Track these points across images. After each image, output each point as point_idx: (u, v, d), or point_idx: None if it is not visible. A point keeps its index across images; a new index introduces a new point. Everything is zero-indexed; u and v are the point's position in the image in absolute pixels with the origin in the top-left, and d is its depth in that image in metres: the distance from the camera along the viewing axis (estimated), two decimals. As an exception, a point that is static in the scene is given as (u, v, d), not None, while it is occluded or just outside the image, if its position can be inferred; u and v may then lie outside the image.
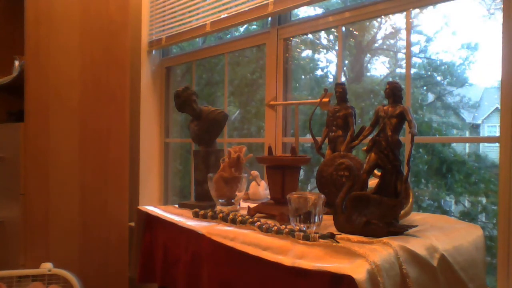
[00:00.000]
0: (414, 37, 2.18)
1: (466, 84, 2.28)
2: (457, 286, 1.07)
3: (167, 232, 1.47)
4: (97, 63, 2.23)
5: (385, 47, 2.55)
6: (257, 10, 1.98)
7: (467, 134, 2.35)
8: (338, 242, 1.02)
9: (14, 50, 2.31)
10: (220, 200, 1.50)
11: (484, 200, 2.14)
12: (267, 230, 1.15)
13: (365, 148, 1.15)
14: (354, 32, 2.52)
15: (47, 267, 1.88)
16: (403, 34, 1.73)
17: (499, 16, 1.38)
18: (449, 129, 2.36)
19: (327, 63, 2.82)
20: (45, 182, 2.08)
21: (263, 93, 2.20)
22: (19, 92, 2.07)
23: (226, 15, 2.17)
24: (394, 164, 1.10)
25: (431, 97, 2.45)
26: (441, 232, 1.13)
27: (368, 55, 2.62)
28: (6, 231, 2.22)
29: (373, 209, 1.08)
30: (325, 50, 2.79)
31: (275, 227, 1.13)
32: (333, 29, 2.09)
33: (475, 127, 2.31)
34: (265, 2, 1.94)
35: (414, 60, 2.32)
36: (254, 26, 2.58)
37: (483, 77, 2.11)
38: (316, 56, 2.80)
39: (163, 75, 2.76)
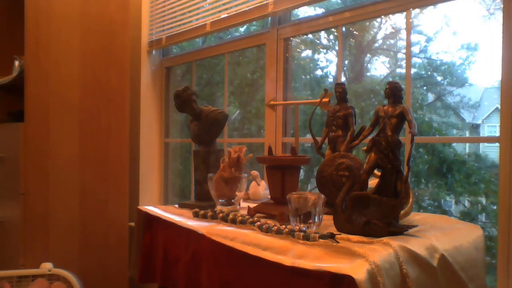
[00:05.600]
0: (414, 37, 2.18)
1: (466, 84, 2.28)
2: (457, 286, 1.07)
3: (167, 232, 1.47)
4: (97, 63, 2.23)
5: (385, 47, 2.55)
6: (257, 10, 1.98)
7: (467, 134, 2.35)
8: (338, 242, 1.02)
9: (14, 50, 2.31)
10: (220, 200, 1.50)
11: (484, 200, 2.14)
12: (267, 230, 1.15)
13: (365, 148, 1.15)
14: (354, 32, 2.52)
15: (47, 267, 1.88)
16: (403, 34, 1.73)
17: (499, 16, 1.38)
18: (449, 129, 2.36)
19: (327, 63, 2.82)
20: (45, 182, 2.08)
21: (263, 93, 2.20)
22: (19, 92, 2.07)
23: (226, 15, 2.17)
24: (394, 164, 1.10)
25: (431, 97, 2.45)
26: (441, 232, 1.13)
27: (368, 55, 2.62)
28: (6, 231, 2.22)
29: (373, 209, 1.08)
30: (325, 50, 2.79)
31: (275, 227, 1.13)
32: (333, 29, 2.09)
33: (475, 127, 2.31)
34: (265, 2, 1.94)
35: (414, 60, 2.32)
36: (254, 26, 2.58)
37: (483, 77, 2.12)
38: (316, 56, 2.80)
39: (163, 75, 2.76)
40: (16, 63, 2.21)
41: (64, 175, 2.13)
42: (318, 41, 2.70)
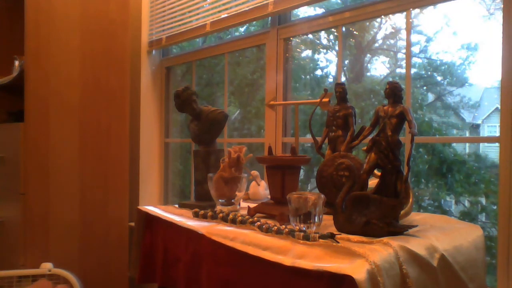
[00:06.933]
0: (414, 37, 2.18)
1: (466, 84, 2.28)
2: (457, 286, 1.07)
3: (167, 232, 1.47)
4: (97, 63, 2.23)
5: (385, 47, 2.55)
6: (257, 10, 1.98)
7: (467, 134, 2.35)
8: (338, 242, 1.02)
9: (14, 50, 2.31)
10: (220, 200, 1.50)
11: (484, 200, 2.14)
12: (267, 230, 1.15)
13: (365, 148, 1.15)
14: (354, 32, 2.52)
15: (47, 267, 1.88)
16: (403, 34, 1.73)
17: (499, 16, 1.38)
18: (449, 129, 2.36)
19: (327, 63, 2.82)
20: (45, 182, 2.08)
21: (263, 93, 2.20)
22: (19, 92, 2.07)
23: (226, 15, 2.17)
24: (394, 164, 1.10)
25: (431, 97, 2.45)
26: (441, 232, 1.13)
27: (368, 55, 2.62)
28: (6, 231, 2.22)
29: (373, 209, 1.08)
30: (325, 50, 2.79)
31: (275, 227, 1.13)
32: (333, 29, 2.09)
33: (475, 127, 2.31)
34: (265, 2, 1.94)
35: (414, 60, 2.32)
36: (254, 27, 2.58)
37: (483, 77, 2.11)
38: (316, 56, 2.80)
39: (163, 75, 2.76)
40: (16, 63, 2.21)
41: (64, 175, 2.13)
42: (318, 41, 2.70)
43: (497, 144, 1.36)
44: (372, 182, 1.18)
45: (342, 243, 1.02)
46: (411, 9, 1.58)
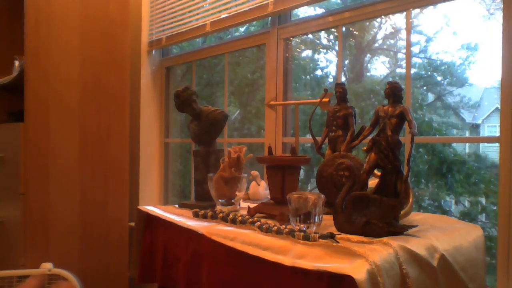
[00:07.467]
0: (414, 37, 2.18)
1: (466, 84, 2.28)
2: (457, 286, 1.07)
3: (167, 232, 1.47)
4: (97, 63, 2.23)
5: (385, 47, 2.55)
6: (257, 10, 1.98)
7: (467, 134, 2.35)
8: (338, 242, 1.02)
9: (14, 50, 2.31)
10: (220, 200, 1.50)
11: (484, 200, 2.14)
12: (267, 230, 1.15)
13: (365, 148, 1.15)
14: (354, 32, 2.52)
15: (47, 267, 1.88)
16: (403, 34, 1.73)
17: (499, 16, 1.38)
18: (449, 129, 2.36)
19: (327, 63, 2.82)
20: (45, 182, 2.08)
21: (263, 93, 2.20)
22: (19, 92, 2.07)
23: (226, 15, 2.17)
24: (394, 164, 1.10)
25: (431, 97, 2.45)
26: (441, 232, 1.13)
27: (368, 55, 2.62)
28: (6, 231, 2.22)
29: (373, 209, 1.08)
30: (325, 50, 2.79)
31: (275, 227, 1.13)
32: (333, 29, 2.09)
33: (475, 127, 2.31)
34: (265, 2, 1.94)
35: (414, 60, 2.32)
36: (254, 27, 2.58)
37: (483, 77, 2.11)
38: (316, 56, 2.80)
39: (163, 75, 2.76)
40: (16, 63, 2.21)
41: (64, 175, 2.13)
42: (318, 41, 2.70)
43: (497, 144, 1.36)
44: (372, 182, 1.18)
45: (342, 243, 1.02)
46: (411, 9, 1.58)
